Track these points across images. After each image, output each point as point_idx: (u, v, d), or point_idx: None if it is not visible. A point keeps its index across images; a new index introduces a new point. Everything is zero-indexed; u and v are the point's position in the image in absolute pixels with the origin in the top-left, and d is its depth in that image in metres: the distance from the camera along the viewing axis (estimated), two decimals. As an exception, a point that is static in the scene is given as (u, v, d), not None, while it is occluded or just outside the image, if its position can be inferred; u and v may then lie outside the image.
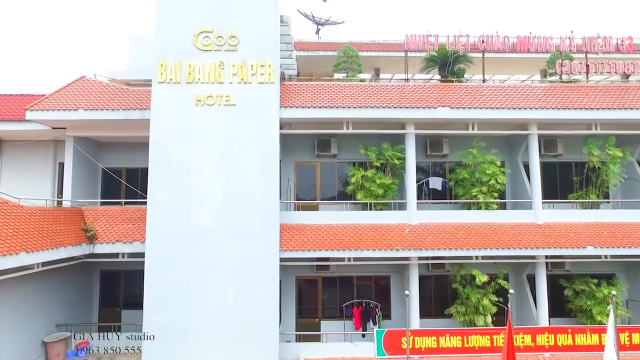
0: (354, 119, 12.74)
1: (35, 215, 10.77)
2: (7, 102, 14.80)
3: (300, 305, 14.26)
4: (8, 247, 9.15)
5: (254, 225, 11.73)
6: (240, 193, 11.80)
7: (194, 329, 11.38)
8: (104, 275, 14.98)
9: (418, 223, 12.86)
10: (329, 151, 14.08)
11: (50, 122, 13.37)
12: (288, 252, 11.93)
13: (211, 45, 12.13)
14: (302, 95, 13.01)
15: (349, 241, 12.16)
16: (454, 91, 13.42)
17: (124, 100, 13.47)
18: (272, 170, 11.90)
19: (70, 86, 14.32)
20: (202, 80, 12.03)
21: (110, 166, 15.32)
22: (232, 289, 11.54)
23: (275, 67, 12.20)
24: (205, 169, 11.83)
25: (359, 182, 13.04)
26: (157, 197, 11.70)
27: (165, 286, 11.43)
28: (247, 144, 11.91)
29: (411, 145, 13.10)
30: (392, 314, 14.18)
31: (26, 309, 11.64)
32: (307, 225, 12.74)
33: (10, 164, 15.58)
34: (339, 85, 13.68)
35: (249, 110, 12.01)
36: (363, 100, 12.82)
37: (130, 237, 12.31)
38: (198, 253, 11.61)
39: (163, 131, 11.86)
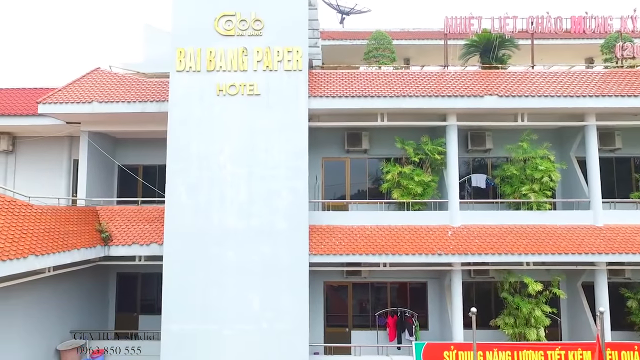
0: (390, 110, 11.56)
1: (45, 215, 9.95)
2: (20, 96, 14.12)
3: (329, 313, 13.15)
4: (15, 250, 8.30)
5: (280, 226, 10.68)
6: (265, 191, 10.76)
7: (215, 338, 10.41)
8: (120, 278, 14.18)
9: (461, 225, 11.60)
10: (359, 146, 12.92)
11: (64, 115, 12.59)
12: (318, 257, 10.84)
13: (233, 29, 11.12)
14: (332, 84, 11.89)
15: (385, 245, 10.99)
16: (500, 78, 12.09)
17: (141, 92, 12.59)
18: (301, 166, 10.82)
19: (84, 78, 13.54)
20: (224, 68, 11.02)
21: (126, 163, 14.51)
22: (256, 296, 10.51)
23: (304, 52, 11.11)
24: (228, 164, 10.83)
25: (395, 180, 11.84)
26: (176, 195, 10.77)
27: (184, 293, 10.48)
28: (273, 137, 10.86)
29: (453, 138, 11.84)
30: (429, 323, 12.96)
31: (39, 315, 10.87)
32: (337, 227, 11.62)
33: (25, 161, 14.92)
34: (372, 74, 12.53)
35: (274, 100, 10.95)
36: (399, 89, 11.62)
37: (147, 238, 11.42)
38: (219, 255, 10.63)
39: (182, 123, 10.91)
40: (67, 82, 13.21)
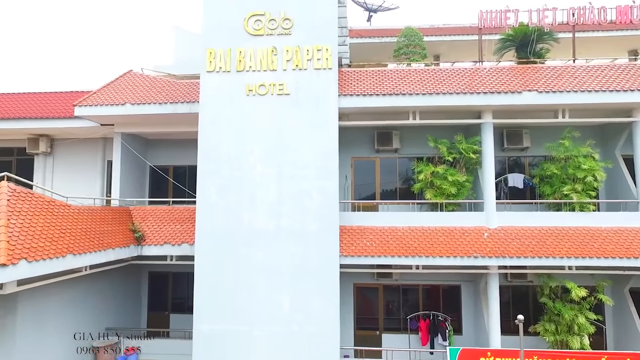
0: (422, 108, 11.22)
1: (82, 215, 10.16)
2: (57, 99, 14.57)
3: (358, 316, 12.92)
4: (55, 249, 8.50)
5: (310, 227, 10.54)
6: (295, 191, 10.64)
7: (246, 339, 10.37)
8: (152, 277, 14.41)
9: (498, 226, 11.13)
10: (390, 145, 12.63)
11: (98, 117, 12.89)
12: (349, 258, 10.64)
13: (263, 29, 11.06)
14: (362, 82, 11.65)
15: (418, 246, 10.67)
16: (539, 73, 11.53)
17: (172, 94, 12.74)
18: (331, 166, 10.65)
19: (117, 81, 13.83)
20: (254, 67, 10.98)
21: (157, 164, 14.75)
22: (286, 297, 10.41)
23: (333, 50, 10.93)
24: (257, 164, 10.78)
25: (428, 180, 11.48)
26: (207, 195, 10.80)
27: (215, 293, 10.50)
28: (303, 136, 10.73)
29: (489, 136, 11.39)
30: (463, 328, 12.52)
31: (76, 312, 11.15)
32: (368, 228, 11.38)
33: (62, 162, 15.40)
34: (403, 71, 12.20)
35: (304, 100, 10.82)
36: (431, 86, 11.26)
37: (178, 238, 11.52)
38: (249, 256, 10.59)
39: (212, 124, 10.94)
40: (101, 85, 13.52)
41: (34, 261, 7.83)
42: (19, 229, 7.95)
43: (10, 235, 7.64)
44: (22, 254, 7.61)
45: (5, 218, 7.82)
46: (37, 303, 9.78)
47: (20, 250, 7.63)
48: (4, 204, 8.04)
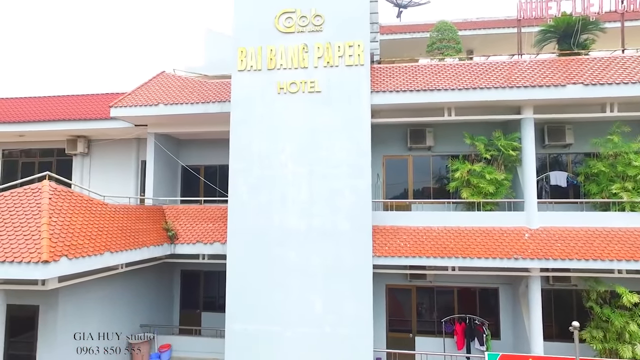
0: (458, 104, 10.82)
1: (118, 213, 10.36)
2: (93, 101, 14.98)
3: (391, 317, 12.61)
4: (93, 247, 8.67)
5: (342, 226, 10.34)
6: (327, 190, 10.47)
7: (278, 340, 10.27)
8: (184, 276, 14.59)
9: (540, 227, 10.59)
10: (423, 143, 12.27)
11: (133, 118, 13.15)
12: (382, 259, 10.38)
13: (294, 26, 10.95)
14: (394, 78, 11.36)
15: (454, 247, 10.29)
16: (584, 65, 10.91)
17: (203, 94, 12.85)
18: (363, 164, 10.41)
19: (150, 82, 14.08)
20: (285, 65, 10.88)
21: (188, 164, 14.94)
22: (319, 298, 10.25)
23: (365, 46, 10.69)
24: (289, 163, 10.68)
25: (464, 178, 11.06)
26: (238, 194, 10.79)
27: (247, 293, 10.47)
28: (335, 134, 10.55)
29: (529, 133, 10.86)
30: (501, 332, 12.00)
31: (113, 309, 11.39)
32: (401, 228, 11.08)
33: (99, 162, 15.84)
34: (437, 66, 11.82)
35: (336, 97, 10.63)
36: (468, 81, 10.84)
37: (210, 237, 11.59)
38: (281, 256, 10.49)
39: (243, 123, 10.92)
40: (136, 86, 13.80)
41: (74, 258, 7.99)
42: (60, 227, 8.14)
43: (52, 233, 7.83)
44: (63, 251, 7.78)
45: (47, 216, 8.02)
46: (77, 299, 10.03)
47: (62, 248, 7.80)
48: (46, 202, 8.26)
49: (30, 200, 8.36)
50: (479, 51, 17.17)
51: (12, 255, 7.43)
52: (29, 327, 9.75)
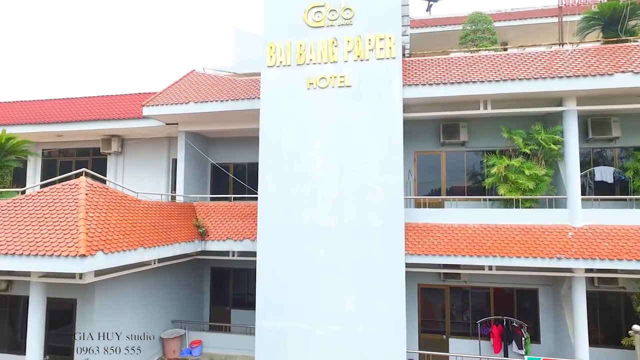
0: (495, 96, 10.36)
1: (151, 209, 10.50)
2: (126, 101, 15.34)
3: (423, 318, 12.26)
4: (127, 242, 8.79)
5: (374, 223, 10.09)
6: (357, 186, 10.25)
7: (308, 338, 10.13)
8: (214, 273, 14.72)
9: (584, 225, 10.00)
10: (457, 138, 11.86)
11: (164, 117, 13.34)
12: (415, 257, 10.07)
13: (323, 20, 10.78)
14: (427, 71, 11.01)
15: (491, 246, 9.85)
16: (633, 53, 10.22)
17: (232, 91, 12.90)
18: (395, 160, 10.12)
19: (181, 81, 14.27)
20: (314, 60, 10.74)
21: (218, 162, 15.07)
22: (350, 296, 10.04)
23: (397, 39, 10.40)
24: (319, 159, 10.52)
25: (501, 174, 10.59)
26: (268, 191, 10.72)
27: (277, 289, 10.38)
28: (365, 130, 10.31)
29: (572, 125, 10.27)
30: (541, 336, 11.45)
31: (145, 304, 11.59)
32: (435, 225, 10.72)
33: (132, 161, 16.21)
34: (471, 58, 11.37)
35: (366, 91, 10.40)
36: (505, 72, 10.37)
37: (240, 234, 11.60)
38: (311, 253, 10.34)
39: (273, 119, 10.84)
40: (166, 86, 14.01)
41: (110, 253, 8.11)
42: (96, 222, 8.29)
43: (89, 228, 7.97)
44: (99, 246, 7.91)
45: (84, 211, 8.18)
46: (112, 294, 10.24)
47: (98, 242, 7.93)
48: (83, 198, 8.43)
49: (68, 196, 8.55)
50: (515, 43, 16.48)
51: (52, 249, 7.61)
52: (67, 320, 10.04)
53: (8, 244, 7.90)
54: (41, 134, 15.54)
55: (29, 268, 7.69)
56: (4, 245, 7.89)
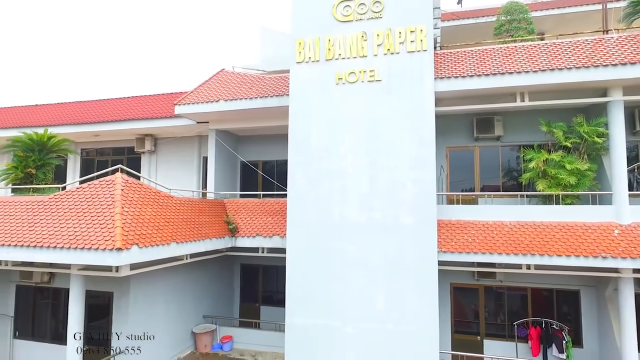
0: (533, 88, 9.90)
1: (183, 205, 10.69)
2: (158, 101, 15.73)
3: (456, 318, 11.90)
4: (161, 237, 8.97)
5: (405, 220, 9.86)
6: (388, 182, 10.04)
7: (338, 336, 10.02)
8: (244, 269, 14.87)
9: (632, 222, 9.40)
10: (491, 132, 11.45)
11: (195, 115, 13.57)
12: (448, 255, 9.76)
13: (352, 14, 10.64)
14: (460, 63, 10.68)
15: (529, 244, 9.42)
16: (685, 38, 9.53)
17: (261, 88, 12.97)
18: (427, 155, 9.85)
19: (211, 80, 14.48)
20: (343, 55, 10.61)
21: (247, 159, 15.20)
22: (381, 294, 9.85)
23: (428, 31, 10.12)
24: (348, 155, 10.38)
25: (540, 169, 10.11)
26: (297, 187, 10.68)
27: (307, 286, 10.32)
28: (396, 124, 10.09)
29: (618, 117, 9.68)
30: (583, 340, 10.87)
31: (178, 299, 11.82)
32: (469, 222, 10.36)
33: (164, 159, 16.62)
34: (507, 48, 10.93)
35: (397, 85, 10.18)
36: (544, 62, 9.90)
37: (269, 231, 11.64)
38: (341, 250, 10.22)
39: (302, 115, 10.80)
40: (197, 85, 14.26)
41: (144, 247, 8.29)
42: (131, 217, 8.49)
43: (124, 222, 8.18)
44: (134, 240, 8.10)
45: (120, 206, 8.40)
46: (146, 287, 10.50)
47: (133, 237, 8.13)
48: (119, 193, 8.66)
49: (105, 192, 8.81)
50: (552, 33, 15.76)
51: (90, 242, 7.85)
52: (105, 312, 10.37)
53: (50, 237, 8.22)
54: (80, 134, 16.18)
55: (68, 260, 7.97)
56: (46, 239, 8.22)
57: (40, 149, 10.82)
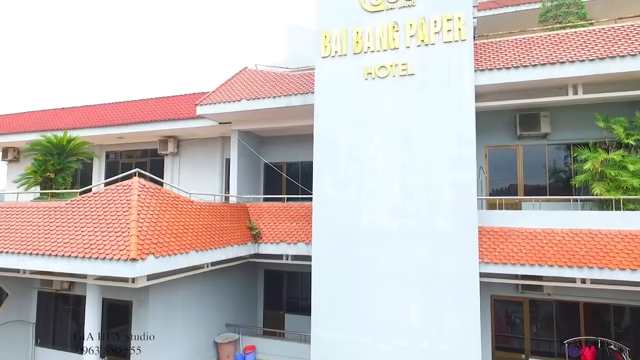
0: (589, 79, 8.80)
1: (204, 211, 10.16)
2: (181, 102, 15.35)
3: (497, 333, 10.86)
4: (179, 245, 8.45)
5: (442, 227, 8.96)
6: (422, 185, 9.17)
7: (368, 352, 9.23)
8: (267, 276, 14.27)
9: None
10: (537, 129, 10.37)
11: (217, 115, 13.08)
12: (491, 266, 8.80)
13: (382, 3, 9.81)
14: (502, 53, 9.67)
15: (585, 255, 8.33)
16: None
17: (285, 87, 12.33)
18: (466, 155, 8.91)
19: (233, 79, 13.97)
20: (372, 48, 9.80)
21: (270, 161, 14.62)
22: (415, 308, 9.00)
23: (467, 18, 9.18)
24: (379, 155, 9.57)
25: (597, 170, 8.98)
26: (323, 191, 9.96)
27: (334, 298, 9.59)
28: (431, 122, 9.20)
29: (691, 109, 8.46)
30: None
31: (199, 307, 11.34)
32: (513, 230, 9.34)
33: (187, 161, 16.29)
34: (557, 36, 9.82)
35: (432, 80, 9.28)
36: (601, 49, 8.77)
37: (294, 237, 10.97)
38: (371, 259, 9.43)
39: (328, 113, 10.06)
40: (219, 84, 13.77)
41: (161, 257, 7.78)
42: (148, 224, 8.00)
43: (140, 230, 7.68)
44: (150, 249, 7.59)
45: (136, 213, 7.92)
46: (166, 296, 10.04)
47: (149, 246, 7.62)
48: (135, 199, 8.18)
49: (122, 197, 8.36)
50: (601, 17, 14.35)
51: (104, 252, 7.39)
52: (124, 321, 9.98)
53: (65, 246, 7.84)
54: (104, 137, 16.04)
55: (83, 270, 7.55)
56: (61, 247, 7.84)
57: (60, 152, 10.56)
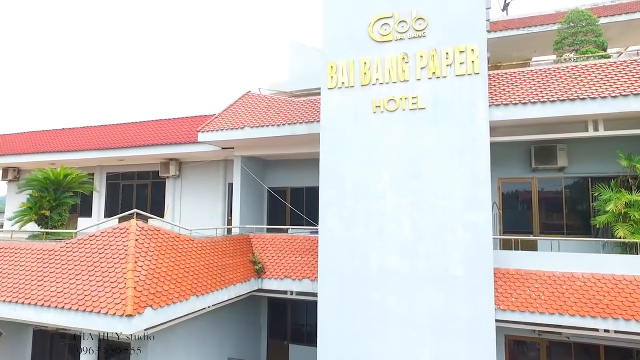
0: (610, 115, 8.33)
1: (205, 248, 9.75)
2: (183, 124, 14.99)
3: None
4: (179, 292, 8.03)
5: (455, 271, 8.50)
6: (434, 226, 8.72)
7: (377, 400, 8.76)
8: (271, 305, 13.81)
9: None
10: (553, 163, 9.90)
11: (219, 142, 12.72)
12: (508, 313, 8.32)
13: (391, 34, 9.41)
14: (518, 86, 9.22)
15: (609, 304, 7.84)
16: None
17: (290, 114, 11.92)
18: (481, 195, 8.46)
19: (236, 104, 13.59)
20: (381, 80, 9.39)
21: (274, 185, 14.23)
22: (427, 355, 8.52)
23: (481, 51, 8.75)
24: (387, 193, 9.13)
25: (620, 211, 8.49)
26: (329, 228, 9.53)
27: (341, 341, 9.12)
28: (443, 159, 8.76)
29: None
30: (672, 413, 9.09)
31: (199, 344, 10.87)
32: (530, 273, 8.85)
33: (189, 184, 15.93)
34: (575, 67, 9.37)
35: (444, 114, 8.84)
36: (622, 86, 8.30)
37: (299, 273, 10.53)
38: (380, 302, 8.96)
39: (334, 147, 9.65)
40: (221, 109, 13.40)
41: (159, 307, 7.36)
42: (146, 272, 7.59)
43: (137, 281, 7.27)
44: (148, 301, 7.17)
45: (133, 261, 7.51)
46: (165, 337, 9.59)
47: (146, 297, 7.20)
48: (132, 245, 7.78)
49: (118, 242, 7.97)
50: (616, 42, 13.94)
51: (99, 305, 6.99)
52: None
53: (59, 296, 7.44)
54: (105, 159, 15.70)
55: (76, 324, 7.13)
56: (54, 297, 7.44)
57: (56, 187, 10.19)
